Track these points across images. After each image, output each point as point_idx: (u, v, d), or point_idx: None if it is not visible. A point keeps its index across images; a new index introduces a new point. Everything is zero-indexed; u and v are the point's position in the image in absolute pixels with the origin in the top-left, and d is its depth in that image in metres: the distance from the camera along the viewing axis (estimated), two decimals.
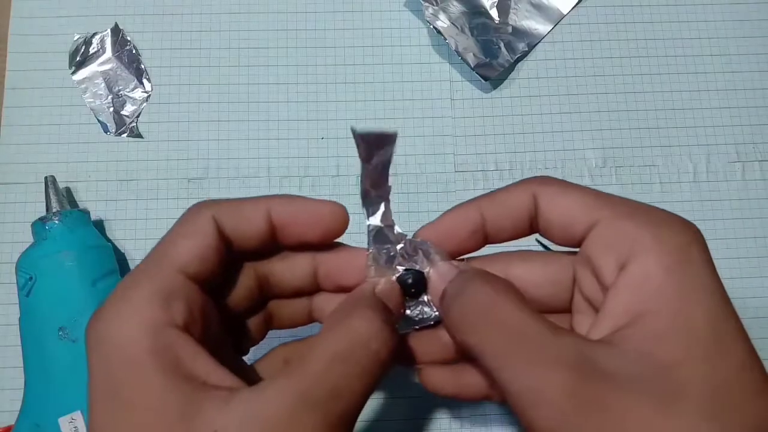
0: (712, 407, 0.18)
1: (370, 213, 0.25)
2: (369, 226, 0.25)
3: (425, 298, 0.25)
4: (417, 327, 0.26)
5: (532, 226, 0.24)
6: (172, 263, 0.21)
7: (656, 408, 0.18)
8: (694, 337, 0.19)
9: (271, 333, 0.27)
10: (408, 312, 0.25)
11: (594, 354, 0.19)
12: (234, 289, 0.24)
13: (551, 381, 0.18)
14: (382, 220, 0.25)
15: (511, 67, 0.43)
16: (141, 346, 0.19)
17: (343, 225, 0.24)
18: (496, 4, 0.44)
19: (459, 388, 0.25)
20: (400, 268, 0.25)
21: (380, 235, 0.25)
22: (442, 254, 0.25)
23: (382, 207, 0.25)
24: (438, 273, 0.25)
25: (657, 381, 0.18)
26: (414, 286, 0.25)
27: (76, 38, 0.43)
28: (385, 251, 0.25)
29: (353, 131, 0.23)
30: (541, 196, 0.23)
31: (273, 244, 0.24)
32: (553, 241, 0.24)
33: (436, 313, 0.25)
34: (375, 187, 0.25)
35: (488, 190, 0.25)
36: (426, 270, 0.25)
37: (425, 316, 0.25)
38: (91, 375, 0.20)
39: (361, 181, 0.25)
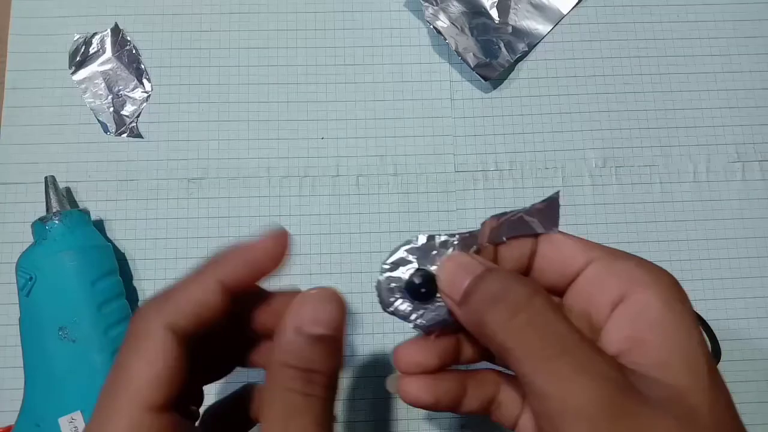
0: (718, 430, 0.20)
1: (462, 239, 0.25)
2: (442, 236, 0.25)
3: (434, 304, 0.25)
4: (433, 331, 0.25)
5: (529, 263, 0.25)
6: (134, 401, 0.21)
7: (679, 426, 0.19)
8: (695, 369, 0.21)
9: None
10: (419, 321, 0.25)
11: (625, 373, 0.21)
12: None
13: (591, 390, 0.20)
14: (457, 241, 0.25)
15: (511, 67, 0.43)
16: None
17: (281, 253, 0.24)
18: (496, 4, 0.44)
19: (437, 397, 0.25)
20: (409, 270, 0.25)
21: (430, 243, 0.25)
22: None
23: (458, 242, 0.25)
24: (456, 263, 0.24)
25: (673, 403, 0.20)
26: (423, 286, 0.24)
27: (76, 38, 0.43)
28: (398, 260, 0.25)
29: (556, 197, 0.24)
30: (540, 237, 0.25)
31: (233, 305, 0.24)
32: (544, 278, 0.25)
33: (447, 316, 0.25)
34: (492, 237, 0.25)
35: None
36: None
37: (437, 320, 0.25)
38: None
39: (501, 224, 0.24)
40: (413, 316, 0.25)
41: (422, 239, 0.25)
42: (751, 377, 0.38)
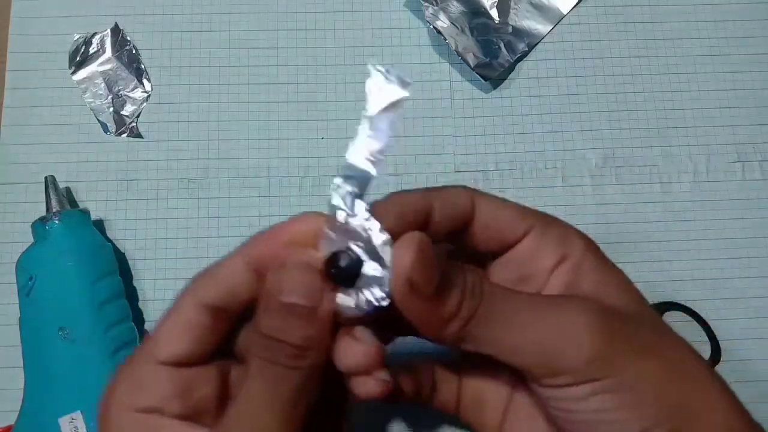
0: (664, 330, 0.25)
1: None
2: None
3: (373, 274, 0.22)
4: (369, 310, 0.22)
5: (464, 225, 0.26)
6: (151, 356, 0.23)
7: (652, 332, 0.24)
8: (630, 289, 0.25)
9: None
10: (348, 302, 0.22)
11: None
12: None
13: (581, 324, 0.23)
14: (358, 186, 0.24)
15: (511, 67, 0.43)
16: None
17: (312, 235, 0.23)
18: (496, 4, 0.44)
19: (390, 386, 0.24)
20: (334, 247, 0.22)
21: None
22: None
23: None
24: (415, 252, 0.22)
25: (635, 318, 0.24)
26: (347, 271, 0.22)
27: (76, 38, 0.43)
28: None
29: (373, 68, 0.23)
30: (479, 201, 0.25)
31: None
32: (481, 245, 0.26)
33: (383, 294, 0.22)
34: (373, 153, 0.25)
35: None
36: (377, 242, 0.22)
37: (373, 298, 0.22)
38: None
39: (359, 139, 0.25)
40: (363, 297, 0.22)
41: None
42: (751, 377, 0.38)
